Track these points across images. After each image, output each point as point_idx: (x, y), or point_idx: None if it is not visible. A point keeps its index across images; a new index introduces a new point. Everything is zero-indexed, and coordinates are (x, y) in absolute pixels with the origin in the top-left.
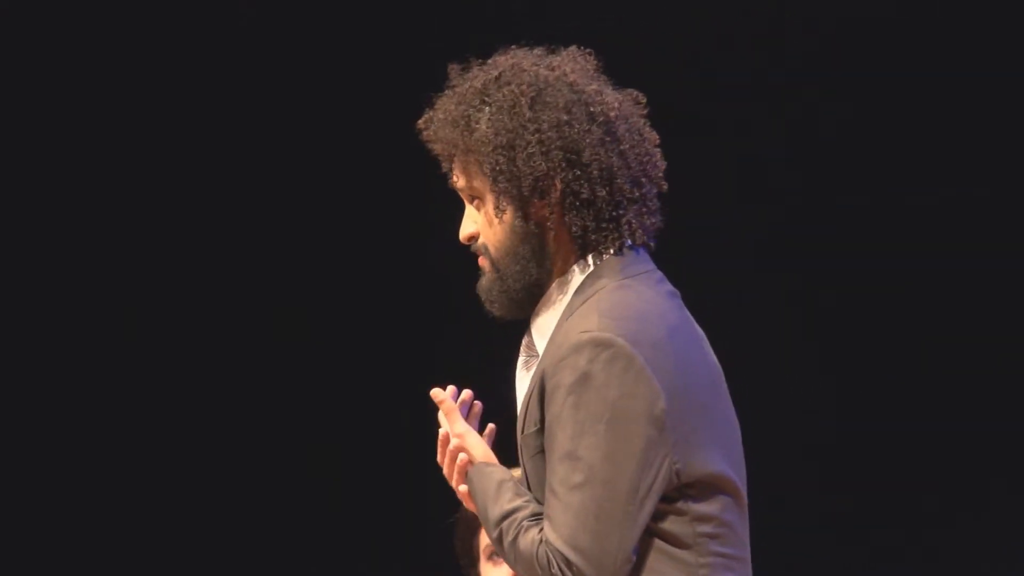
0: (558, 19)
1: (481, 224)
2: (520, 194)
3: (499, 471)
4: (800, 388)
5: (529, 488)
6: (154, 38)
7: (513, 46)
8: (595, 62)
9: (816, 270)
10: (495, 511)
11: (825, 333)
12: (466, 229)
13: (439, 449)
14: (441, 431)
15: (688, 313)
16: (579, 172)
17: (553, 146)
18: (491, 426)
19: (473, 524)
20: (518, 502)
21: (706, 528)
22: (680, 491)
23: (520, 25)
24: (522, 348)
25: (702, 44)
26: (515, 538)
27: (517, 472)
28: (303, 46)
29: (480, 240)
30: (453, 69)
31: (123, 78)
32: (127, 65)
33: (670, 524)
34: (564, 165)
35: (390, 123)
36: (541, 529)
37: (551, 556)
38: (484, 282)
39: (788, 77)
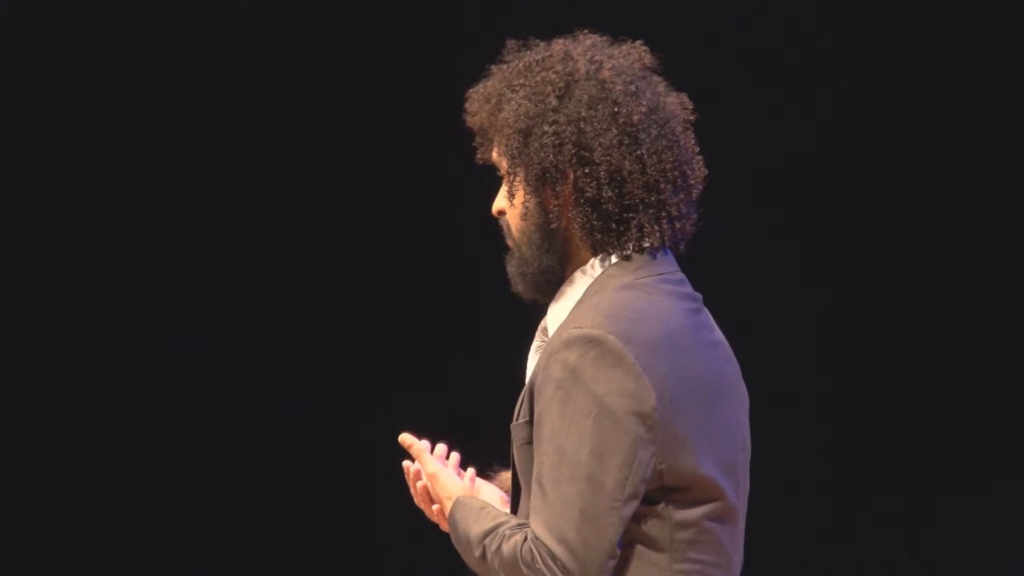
0: (558, 20)
1: (504, 203)
2: (530, 181)
3: (478, 500)
4: (802, 388)
5: (515, 475)
6: (153, 38)
7: (585, 30)
8: (648, 60)
9: (817, 270)
10: (476, 531)
11: (828, 332)
12: (497, 204)
13: (411, 488)
14: (412, 469)
15: (706, 318)
16: (588, 170)
17: (567, 140)
18: (471, 470)
19: None
20: (501, 519)
21: (685, 534)
22: (662, 492)
23: (520, 25)
24: (537, 332)
25: (703, 45)
26: (499, 547)
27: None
28: (301, 41)
29: (505, 217)
30: (511, 45)
31: (123, 79)
32: (127, 65)
33: (648, 527)
34: (575, 161)
35: (392, 122)
36: (526, 538)
37: (535, 550)
38: (509, 268)
39: (789, 79)
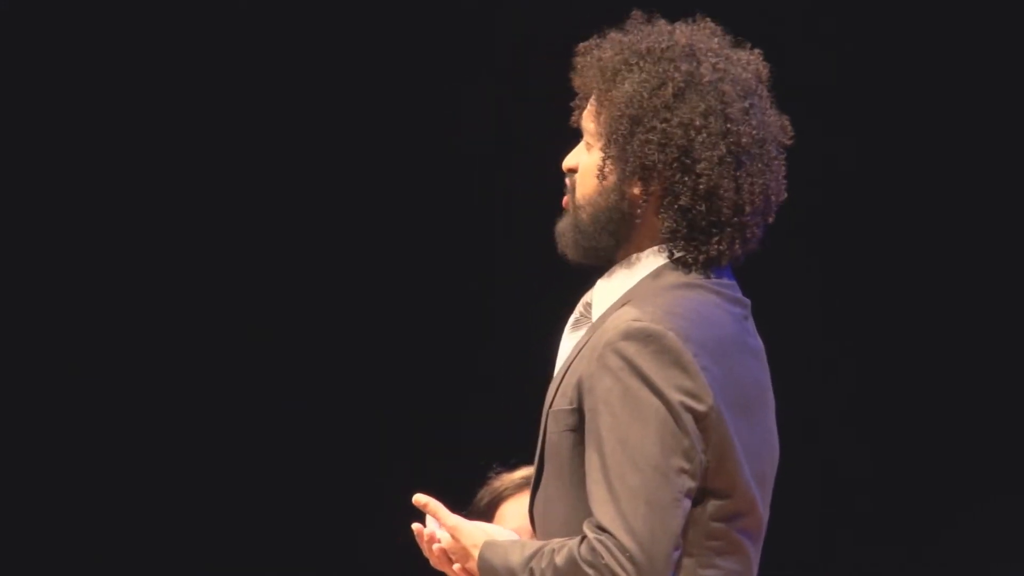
0: (559, 21)
1: (581, 167)
2: (623, 168)
3: (507, 538)
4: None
5: (544, 458)
6: (154, 37)
7: (706, 18)
8: (764, 72)
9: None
10: (517, 559)
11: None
12: (569, 161)
13: (426, 551)
14: (425, 532)
15: (751, 325)
16: (686, 179)
17: (673, 143)
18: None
19: (488, 512)
20: (540, 543)
21: (714, 543)
22: (702, 495)
23: (520, 24)
24: (579, 305)
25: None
26: (550, 561)
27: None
28: (296, 43)
29: (574, 177)
30: (637, 16)
31: (124, 79)
32: (128, 65)
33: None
34: (675, 165)
35: (396, 127)
36: (582, 539)
37: (598, 546)
38: (561, 224)
39: (791, 85)
